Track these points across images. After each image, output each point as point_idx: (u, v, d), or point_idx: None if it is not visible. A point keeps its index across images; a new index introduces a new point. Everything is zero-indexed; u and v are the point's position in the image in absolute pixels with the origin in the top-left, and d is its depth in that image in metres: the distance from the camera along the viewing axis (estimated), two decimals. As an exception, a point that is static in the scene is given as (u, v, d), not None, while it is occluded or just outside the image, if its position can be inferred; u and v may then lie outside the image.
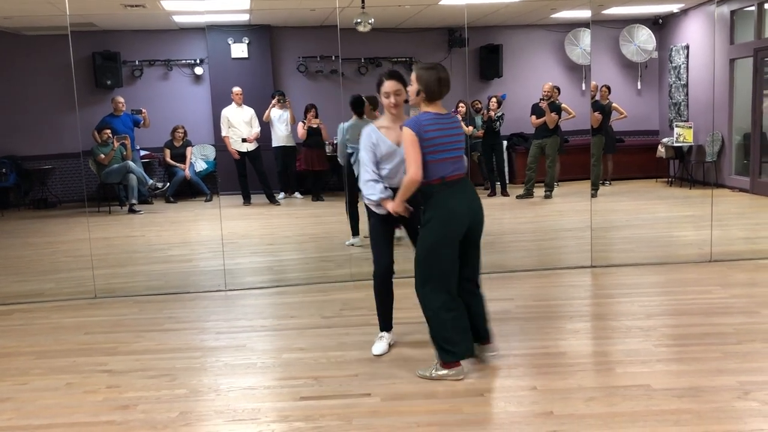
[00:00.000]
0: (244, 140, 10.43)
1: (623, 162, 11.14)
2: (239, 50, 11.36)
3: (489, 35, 11.56)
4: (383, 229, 4.12)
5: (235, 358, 4.29)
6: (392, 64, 11.62)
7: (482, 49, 11.45)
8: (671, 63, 11.55)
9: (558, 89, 10.11)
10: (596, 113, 9.88)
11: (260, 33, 11.43)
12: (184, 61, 11.62)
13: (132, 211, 10.13)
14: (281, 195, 10.75)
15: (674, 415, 3.30)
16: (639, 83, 11.88)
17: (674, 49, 11.43)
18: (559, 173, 10.18)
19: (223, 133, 10.47)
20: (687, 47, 11.11)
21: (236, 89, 10.58)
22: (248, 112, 10.58)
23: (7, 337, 4.92)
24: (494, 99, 10.20)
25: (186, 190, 11.19)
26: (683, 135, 10.81)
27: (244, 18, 10.77)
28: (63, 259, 7.46)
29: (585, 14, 10.51)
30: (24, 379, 4.08)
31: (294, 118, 10.64)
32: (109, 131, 10.49)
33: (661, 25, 11.69)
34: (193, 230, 9.19)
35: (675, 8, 11.13)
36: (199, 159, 11.50)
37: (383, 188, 3.94)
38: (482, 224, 3.94)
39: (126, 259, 7.28)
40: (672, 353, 4.13)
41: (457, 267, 3.85)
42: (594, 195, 9.11)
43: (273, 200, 10.41)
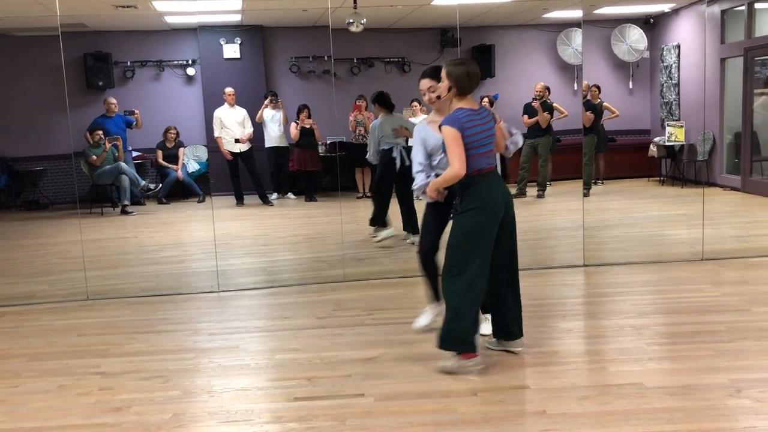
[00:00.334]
0: (237, 141, 10.42)
1: (615, 161, 11.17)
2: (231, 51, 11.33)
3: (481, 35, 11.58)
4: (432, 215, 4.41)
5: (229, 359, 4.28)
6: (384, 65, 11.63)
7: (474, 49, 11.46)
8: (662, 62, 11.59)
9: (548, 89, 10.14)
10: (588, 113, 9.92)
11: (252, 33, 11.41)
12: (176, 62, 11.58)
13: (124, 213, 10.09)
14: (274, 195, 10.74)
15: (667, 413, 3.31)
16: (630, 83, 11.91)
17: (665, 49, 11.47)
18: (552, 173, 10.20)
19: (216, 134, 10.44)
20: (678, 47, 11.15)
21: (229, 90, 10.57)
22: (241, 113, 10.57)
23: (-1, 340, 4.89)
24: (486, 99, 10.20)
25: (178, 191, 11.16)
26: (675, 134, 10.85)
27: (236, 18, 10.75)
28: (55, 261, 7.42)
29: (577, 14, 10.54)
30: (16, 382, 4.06)
31: (287, 119, 10.64)
32: (101, 132, 10.43)
33: (653, 25, 11.72)
34: (186, 231, 9.15)
35: (666, 8, 11.17)
36: (192, 160, 11.47)
37: (425, 177, 4.15)
38: (515, 217, 4.02)
39: (118, 261, 7.25)
40: (664, 351, 4.15)
41: (489, 259, 3.86)
42: (586, 194, 9.13)
43: (266, 201, 10.39)
